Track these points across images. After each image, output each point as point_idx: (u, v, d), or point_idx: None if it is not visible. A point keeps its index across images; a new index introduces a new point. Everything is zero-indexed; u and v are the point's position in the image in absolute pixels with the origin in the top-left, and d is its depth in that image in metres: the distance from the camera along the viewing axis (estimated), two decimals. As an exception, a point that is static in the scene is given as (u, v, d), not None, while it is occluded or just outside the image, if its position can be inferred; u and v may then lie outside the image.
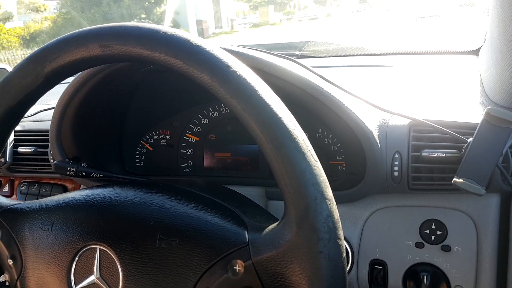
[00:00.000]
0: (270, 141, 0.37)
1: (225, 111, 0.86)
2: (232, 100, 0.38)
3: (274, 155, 0.37)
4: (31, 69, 0.44)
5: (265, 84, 0.41)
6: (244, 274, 0.41)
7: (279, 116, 0.38)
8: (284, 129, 0.38)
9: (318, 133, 0.79)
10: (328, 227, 0.36)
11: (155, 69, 0.77)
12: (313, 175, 0.37)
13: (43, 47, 0.44)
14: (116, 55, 0.41)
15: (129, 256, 0.46)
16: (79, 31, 0.43)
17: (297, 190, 0.37)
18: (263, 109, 0.38)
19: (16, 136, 1.03)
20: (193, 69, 0.39)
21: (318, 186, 0.37)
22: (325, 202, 0.37)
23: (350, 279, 0.71)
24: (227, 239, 0.43)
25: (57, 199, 0.54)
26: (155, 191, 0.53)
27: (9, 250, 0.52)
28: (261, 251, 0.40)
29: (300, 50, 1.19)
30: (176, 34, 0.40)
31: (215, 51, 0.40)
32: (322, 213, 0.36)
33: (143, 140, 0.92)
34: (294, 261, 0.37)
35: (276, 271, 0.39)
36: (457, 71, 0.94)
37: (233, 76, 0.39)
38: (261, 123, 0.37)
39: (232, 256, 0.42)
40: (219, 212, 0.48)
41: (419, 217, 0.69)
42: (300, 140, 0.38)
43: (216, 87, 0.39)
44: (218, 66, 0.39)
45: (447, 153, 0.63)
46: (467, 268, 0.66)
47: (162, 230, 0.46)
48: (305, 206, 0.36)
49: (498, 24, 0.67)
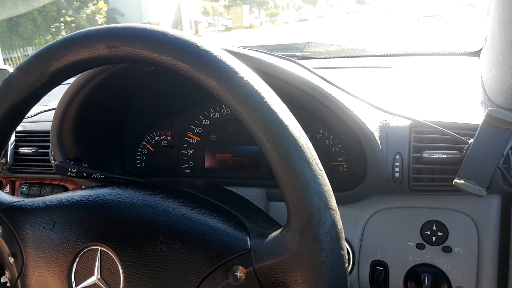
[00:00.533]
0: (275, 149, 0.37)
1: (226, 112, 0.86)
2: (238, 106, 0.38)
3: (279, 163, 0.37)
4: (37, 66, 0.44)
5: (272, 91, 0.40)
6: (246, 280, 0.40)
7: (285, 124, 0.38)
8: (290, 138, 0.37)
9: (319, 134, 0.79)
10: (331, 237, 0.36)
11: (156, 70, 0.77)
12: (318, 184, 0.37)
13: (50, 45, 0.44)
14: (123, 56, 0.41)
15: (130, 258, 0.46)
16: (87, 31, 0.43)
17: (301, 199, 0.36)
18: (269, 117, 0.38)
19: (17, 136, 1.03)
20: (200, 73, 0.39)
21: (322, 196, 0.37)
22: (328, 212, 0.37)
23: (351, 280, 0.71)
24: (229, 244, 0.43)
25: (59, 198, 0.54)
26: (157, 193, 0.53)
27: (10, 248, 0.51)
28: (263, 258, 0.40)
29: (301, 52, 1.19)
30: (184, 38, 0.40)
31: (222, 57, 0.40)
32: (325, 223, 0.36)
33: (144, 141, 0.92)
34: (296, 270, 0.37)
35: (278, 279, 0.39)
36: (458, 72, 0.94)
37: (240, 82, 0.39)
38: (267, 131, 0.37)
39: (234, 262, 0.42)
40: (221, 217, 0.48)
41: (420, 218, 0.69)
42: (306, 149, 0.38)
43: (222, 93, 0.39)
44: (225, 71, 0.39)
45: (448, 154, 0.63)
46: (468, 269, 0.66)
47: (164, 233, 0.46)
48: (308, 215, 0.36)
49: (499, 25, 0.67)
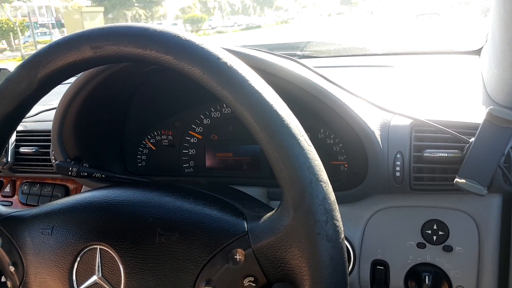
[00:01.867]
0: (263, 129, 0.38)
1: (227, 111, 0.86)
2: (224, 91, 0.39)
3: (268, 142, 0.38)
4: (25, 75, 0.44)
5: (256, 73, 0.41)
6: (245, 262, 0.41)
7: (271, 104, 0.38)
8: (276, 116, 0.38)
9: (320, 133, 0.79)
10: (325, 209, 0.37)
11: (157, 69, 0.77)
12: (307, 159, 0.38)
13: (36, 53, 0.44)
14: (109, 56, 0.42)
15: (130, 254, 0.46)
16: (71, 35, 0.43)
17: (292, 174, 0.37)
18: (254, 98, 0.38)
19: (17, 136, 1.03)
20: (184, 63, 0.40)
21: (313, 169, 0.37)
22: (320, 184, 0.37)
23: (352, 279, 0.71)
24: (226, 230, 0.44)
25: (56, 204, 0.54)
26: (153, 190, 0.53)
27: (10, 257, 0.51)
28: (260, 238, 0.40)
29: (302, 50, 1.19)
30: (166, 31, 0.41)
31: (204, 45, 0.40)
32: (318, 195, 0.37)
33: (145, 140, 0.92)
34: (293, 245, 0.38)
35: (276, 257, 0.39)
36: (459, 71, 0.94)
37: (223, 67, 0.39)
38: (254, 112, 0.38)
39: (232, 245, 0.42)
40: (217, 205, 0.48)
41: (420, 217, 0.69)
42: (293, 126, 0.38)
43: (207, 80, 0.39)
44: (208, 58, 0.39)
45: (449, 153, 0.63)
46: (468, 269, 0.65)
47: (162, 225, 0.46)
48: (300, 189, 0.37)
49: (499, 24, 0.67)
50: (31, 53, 0.47)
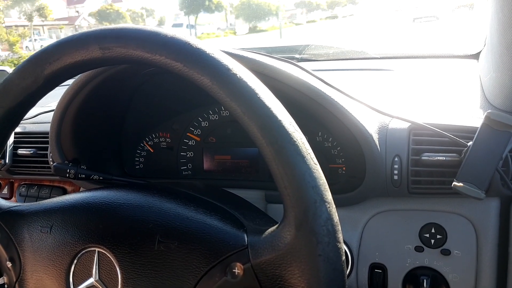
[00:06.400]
0: (270, 144, 0.37)
1: (225, 114, 0.86)
2: (232, 103, 0.38)
3: (273, 158, 0.37)
4: (31, 70, 0.44)
5: (265, 87, 0.41)
6: (244, 277, 0.40)
7: (279, 119, 0.38)
8: (284, 132, 0.38)
9: (318, 136, 0.79)
10: (328, 230, 0.36)
11: (155, 71, 0.77)
12: (313, 178, 0.37)
13: (44, 49, 0.44)
14: (116, 58, 0.42)
15: (128, 259, 0.46)
16: (80, 34, 0.43)
17: (297, 193, 0.37)
18: (263, 112, 0.38)
19: (16, 138, 1.03)
20: (194, 72, 0.39)
21: (318, 189, 0.37)
22: (324, 205, 0.37)
23: (349, 282, 0.71)
24: (226, 242, 0.43)
25: (56, 202, 0.54)
26: (154, 194, 0.53)
27: (8, 253, 0.51)
28: (260, 254, 0.40)
29: (301, 54, 1.20)
30: (176, 37, 0.40)
31: (215, 54, 0.40)
32: (321, 216, 0.36)
33: (143, 143, 0.92)
34: (293, 264, 0.37)
35: (275, 274, 0.39)
36: (457, 75, 0.94)
37: (233, 79, 0.39)
38: (261, 126, 0.38)
39: (231, 259, 0.42)
40: (218, 215, 0.48)
41: (418, 221, 0.68)
42: (300, 143, 0.38)
43: (216, 90, 0.39)
44: (219, 69, 0.39)
45: (447, 157, 0.63)
46: (466, 272, 0.65)
47: (161, 232, 0.46)
48: (304, 209, 0.36)
49: (498, 28, 0.67)
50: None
